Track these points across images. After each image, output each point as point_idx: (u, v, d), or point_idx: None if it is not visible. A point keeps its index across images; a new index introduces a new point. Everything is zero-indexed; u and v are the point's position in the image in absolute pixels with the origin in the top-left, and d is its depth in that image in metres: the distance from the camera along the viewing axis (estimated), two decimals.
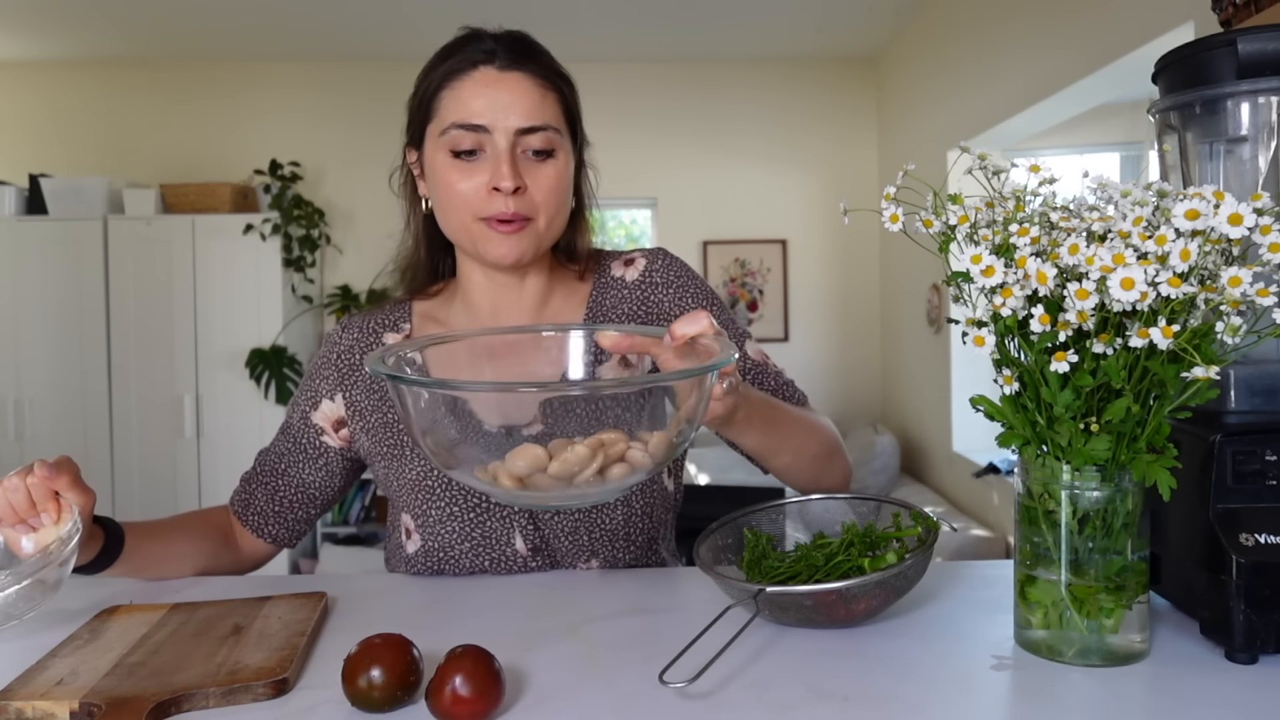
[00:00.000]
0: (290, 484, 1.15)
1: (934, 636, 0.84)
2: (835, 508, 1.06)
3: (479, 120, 1.00)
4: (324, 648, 0.84)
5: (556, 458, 0.73)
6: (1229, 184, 0.86)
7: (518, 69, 1.02)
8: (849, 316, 5.28)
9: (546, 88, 1.03)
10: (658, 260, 1.15)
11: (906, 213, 0.80)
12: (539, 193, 1.02)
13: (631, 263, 1.16)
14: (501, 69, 1.01)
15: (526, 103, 1.01)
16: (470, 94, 1.01)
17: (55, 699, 0.70)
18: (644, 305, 1.13)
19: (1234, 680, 0.74)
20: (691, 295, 1.14)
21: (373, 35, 4.62)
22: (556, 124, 1.03)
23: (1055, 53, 3.10)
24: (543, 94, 1.02)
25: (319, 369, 1.16)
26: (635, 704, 0.71)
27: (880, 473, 4.45)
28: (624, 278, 1.15)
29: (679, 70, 5.08)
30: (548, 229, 1.05)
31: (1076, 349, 0.71)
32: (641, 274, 1.14)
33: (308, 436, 1.15)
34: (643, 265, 1.15)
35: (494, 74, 1.01)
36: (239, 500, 1.17)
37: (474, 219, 1.03)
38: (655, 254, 1.16)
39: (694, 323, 0.80)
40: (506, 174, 0.99)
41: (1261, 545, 0.75)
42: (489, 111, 1.00)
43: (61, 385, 4.54)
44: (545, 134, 1.02)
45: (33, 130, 5.05)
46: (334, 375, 1.14)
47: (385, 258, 1.23)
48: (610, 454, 0.74)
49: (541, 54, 1.06)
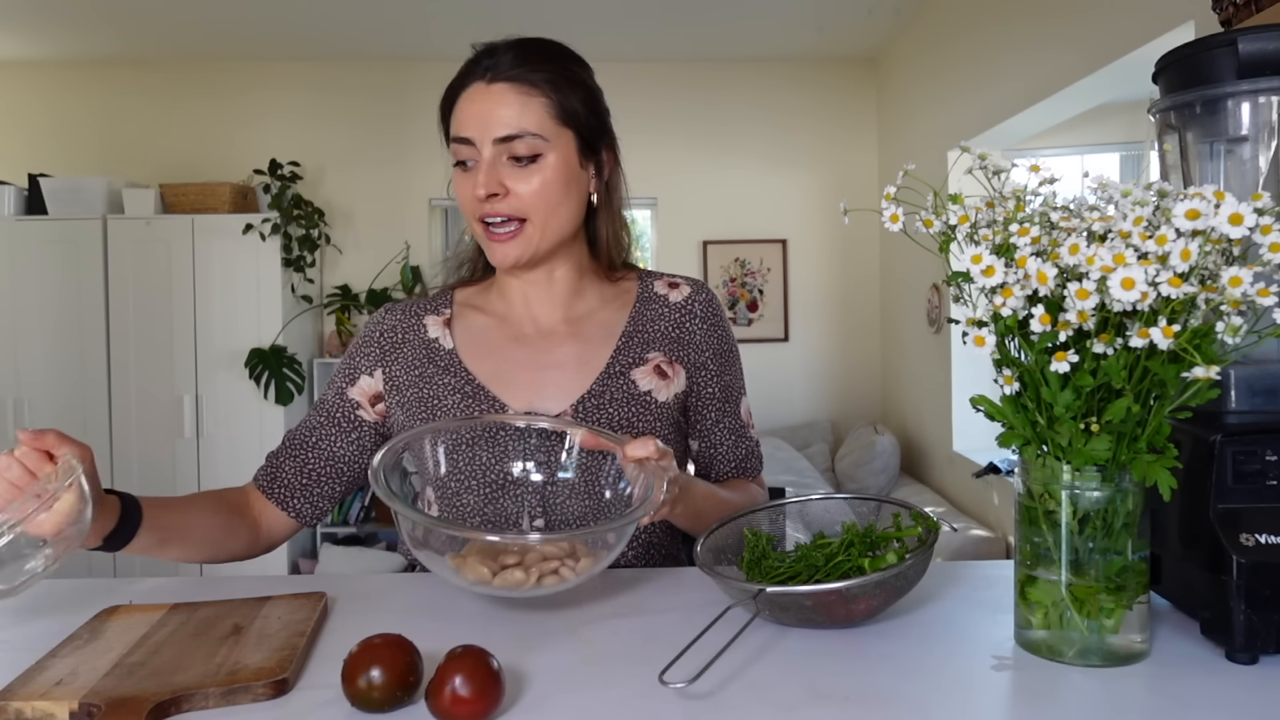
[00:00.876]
0: (320, 456, 1.17)
1: (934, 636, 0.84)
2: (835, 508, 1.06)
3: (466, 134, 1.08)
4: (324, 648, 0.84)
5: (498, 577, 0.89)
6: (1229, 184, 0.86)
7: (504, 80, 1.07)
8: (849, 316, 5.28)
9: (531, 94, 1.07)
10: (701, 294, 1.23)
11: (907, 213, 0.80)
12: (526, 196, 1.08)
13: (676, 286, 1.23)
14: (489, 82, 1.08)
15: (506, 113, 1.06)
16: (461, 109, 1.09)
17: (55, 699, 0.70)
18: (679, 328, 1.20)
19: (1234, 680, 0.74)
20: (719, 337, 1.22)
21: (373, 35, 4.62)
22: (539, 129, 1.07)
23: (1055, 53, 3.10)
24: (525, 101, 1.07)
25: (360, 348, 1.20)
26: (635, 704, 0.71)
27: (880, 473, 4.45)
28: (667, 298, 1.22)
29: (679, 70, 5.08)
30: (544, 229, 1.10)
31: (1077, 349, 0.71)
32: (685, 300, 1.22)
33: (342, 410, 1.18)
34: (687, 292, 1.22)
35: (482, 88, 1.08)
36: (264, 475, 1.17)
37: (476, 222, 1.11)
38: (700, 286, 1.24)
39: (642, 448, 0.94)
40: (481, 182, 1.07)
41: (1261, 545, 0.75)
42: (473, 124, 1.08)
43: (61, 385, 4.54)
44: (525, 140, 1.07)
45: (32, 130, 5.05)
46: (375, 352, 1.19)
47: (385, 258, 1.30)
48: (544, 569, 0.90)
49: (543, 59, 1.09)
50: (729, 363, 1.22)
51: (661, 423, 1.14)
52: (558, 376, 1.13)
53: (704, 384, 1.19)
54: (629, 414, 1.12)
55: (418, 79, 5.02)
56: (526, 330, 1.16)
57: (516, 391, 1.12)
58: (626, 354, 1.15)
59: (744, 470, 1.24)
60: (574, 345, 1.15)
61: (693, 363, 1.19)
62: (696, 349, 1.19)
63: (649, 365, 1.15)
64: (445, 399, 1.12)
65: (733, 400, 1.22)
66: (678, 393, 1.16)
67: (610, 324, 1.18)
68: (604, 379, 1.13)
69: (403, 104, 5.03)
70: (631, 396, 1.13)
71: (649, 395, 1.13)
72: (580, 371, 1.13)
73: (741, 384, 1.25)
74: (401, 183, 5.04)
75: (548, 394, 1.12)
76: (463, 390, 1.12)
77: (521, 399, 1.12)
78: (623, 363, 1.14)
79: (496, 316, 1.18)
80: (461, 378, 1.13)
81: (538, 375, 1.13)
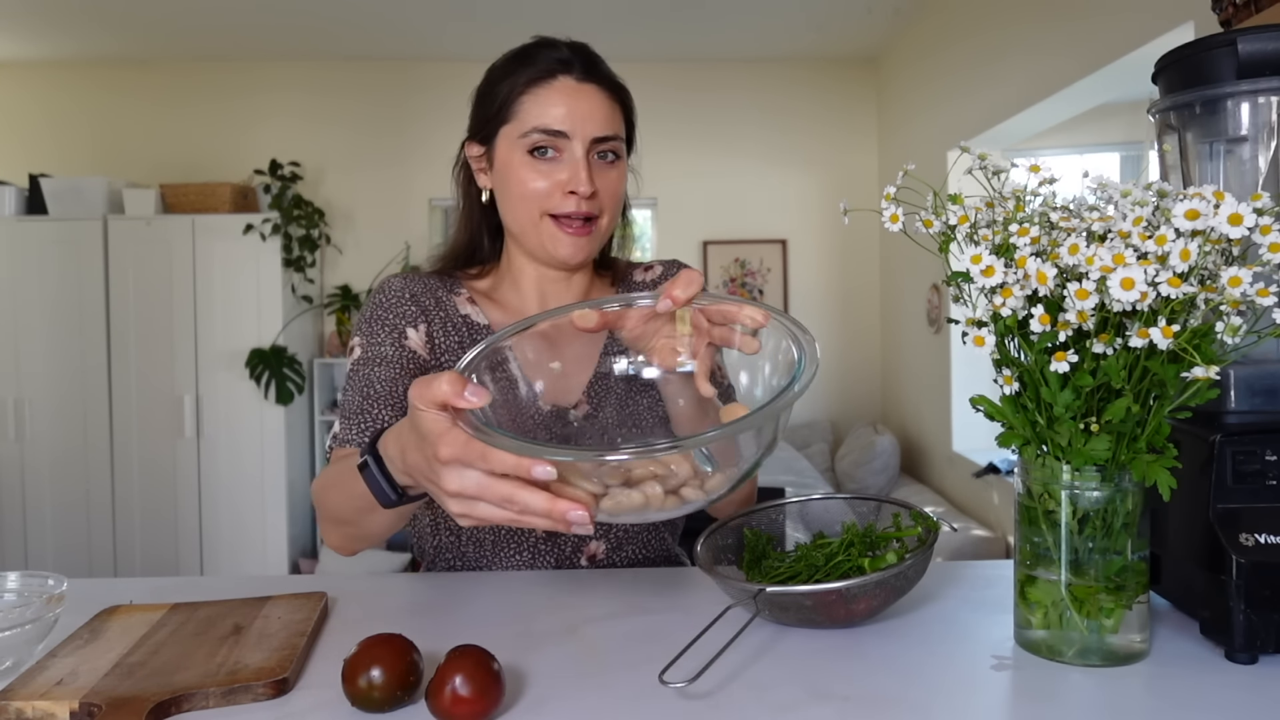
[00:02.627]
0: None
1: (934, 636, 0.84)
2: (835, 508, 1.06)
3: (560, 127, 1.08)
4: (324, 648, 0.84)
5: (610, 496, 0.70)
6: (1229, 184, 0.86)
7: (592, 81, 1.10)
8: (849, 316, 5.28)
9: (615, 100, 1.13)
10: (673, 267, 1.27)
11: (906, 213, 0.80)
12: (606, 195, 1.11)
13: (650, 269, 1.28)
14: (579, 80, 1.10)
15: (601, 114, 1.10)
16: (552, 102, 1.08)
17: (55, 699, 0.70)
18: None
19: (1234, 680, 0.74)
20: None
21: (372, 35, 4.62)
22: (622, 134, 1.13)
23: (1055, 53, 3.10)
24: (613, 106, 1.12)
25: (393, 306, 1.14)
26: (635, 704, 0.71)
27: (880, 473, 4.45)
28: (644, 281, 1.26)
29: (679, 70, 5.08)
30: (608, 228, 1.15)
31: (1076, 349, 0.71)
32: (659, 277, 1.25)
33: (411, 360, 1.11)
34: (659, 270, 1.26)
35: (573, 84, 1.09)
36: (363, 434, 1.05)
37: (543, 215, 1.10)
38: (673, 263, 1.28)
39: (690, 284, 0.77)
40: (584, 179, 1.08)
41: (1261, 545, 0.75)
42: (569, 119, 1.08)
43: (61, 385, 4.54)
44: (615, 142, 1.12)
45: (32, 130, 5.05)
46: (414, 310, 1.14)
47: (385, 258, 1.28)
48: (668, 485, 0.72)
49: (606, 67, 1.14)
50: None
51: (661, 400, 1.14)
52: (571, 368, 1.15)
53: None
54: (632, 395, 1.12)
55: (418, 80, 5.02)
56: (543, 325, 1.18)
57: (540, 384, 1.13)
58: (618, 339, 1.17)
59: None
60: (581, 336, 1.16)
61: None
62: None
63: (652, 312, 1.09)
64: None
65: None
66: None
67: None
68: (605, 362, 1.15)
69: (403, 104, 5.04)
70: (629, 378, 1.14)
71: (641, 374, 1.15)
72: (587, 359, 1.16)
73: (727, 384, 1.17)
74: (401, 183, 5.04)
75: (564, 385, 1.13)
76: None
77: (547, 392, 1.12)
78: (618, 347, 1.15)
79: (511, 309, 1.19)
80: None
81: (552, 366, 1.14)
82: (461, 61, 4.68)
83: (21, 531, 4.56)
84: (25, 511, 4.55)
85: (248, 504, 4.60)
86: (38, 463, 4.54)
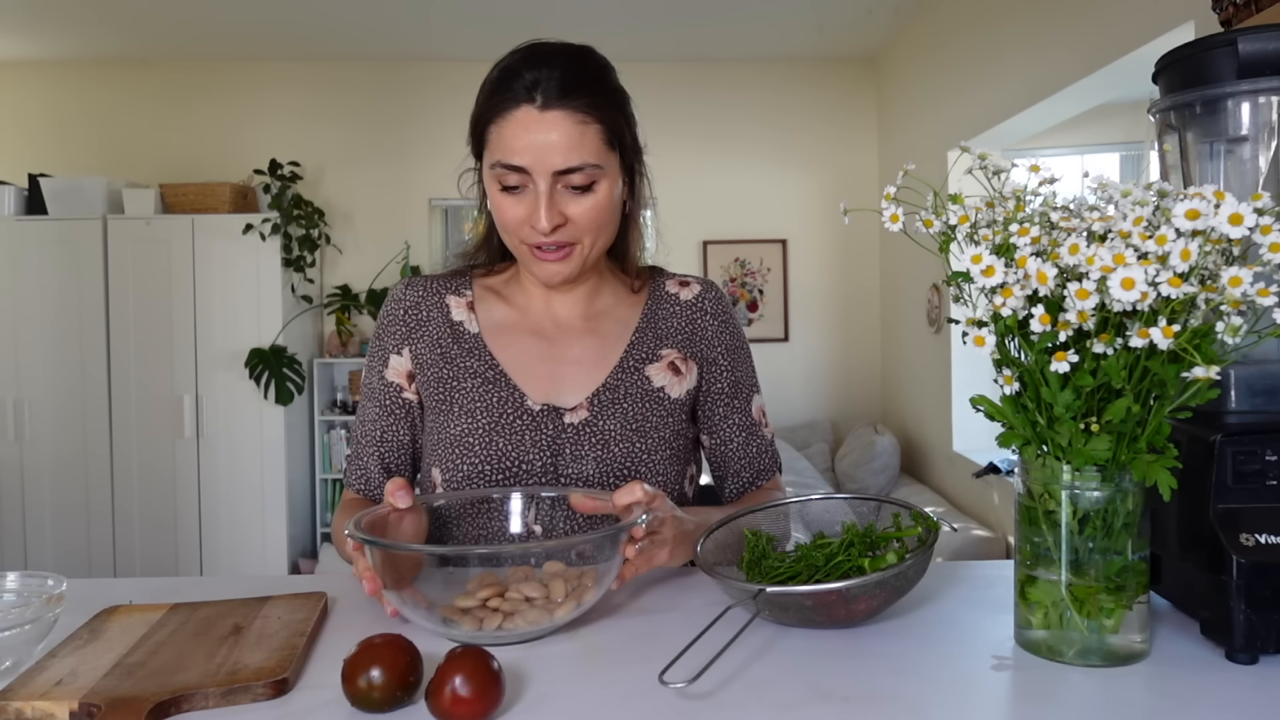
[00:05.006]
0: (393, 448, 1.19)
1: (934, 636, 0.84)
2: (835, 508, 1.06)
3: (519, 162, 1.03)
4: (324, 648, 0.84)
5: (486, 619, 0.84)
6: (1229, 184, 0.86)
7: (558, 106, 1.02)
8: (849, 316, 5.28)
9: (587, 121, 1.03)
10: (710, 291, 1.24)
11: (907, 213, 0.80)
12: (581, 221, 1.06)
13: (687, 285, 1.24)
14: (542, 109, 1.02)
15: (564, 144, 1.02)
16: (512, 134, 1.03)
17: (55, 699, 0.70)
18: (691, 325, 1.21)
19: (1234, 680, 0.74)
20: (730, 334, 1.23)
21: (373, 35, 4.62)
22: (596, 158, 1.04)
23: (1055, 53, 3.10)
24: (582, 130, 1.03)
25: (386, 327, 1.21)
26: (635, 704, 0.71)
27: (880, 473, 4.45)
28: (678, 296, 1.23)
29: (679, 70, 5.08)
30: (594, 248, 1.10)
31: (1077, 349, 0.71)
32: (695, 298, 1.22)
33: (390, 397, 1.19)
34: (697, 290, 1.23)
35: (534, 115, 1.02)
36: (359, 481, 1.19)
37: (520, 242, 1.09)
38: (709, 285, 1.25)
39: (629, 494, 0.92)
40: (544, 216, 1.03)
41: (1261, 545, 0.75)
42: (529, 153, 1.02)
43: (61, 385, 4.54)
44: (583, 172, 1.04)
45: (32, 130, 5.05)
46: (400, 330, 1.19)
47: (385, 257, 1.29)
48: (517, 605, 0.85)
49: (589, 80, 1.06)
50: (740, 359, 1.23)
51: (673, 419, 1.16)
52: (575, 370, 1.15)
53: (714, 379, 1.20)
54: (642, 409, 1.13)
55: (417, 79, 5.02)
56: (545, 325, 1.18)
57: (535, 383, 1.14)
58: (640, 349, 1.17)
59: (758, 469, 1.23)
60: (591, 340, 1.17)
61: (705, 358, 1.20)
62: (708, 345, 1.20)
63: (663, 362, 1.17)
64: (466, 382, 1.14)
65: (743, 396, 1.22)
66: (689, 389, 1.18)
67: (625, 320, 1.20)
68: (618, 373, 1.15)
69: (402, 104, 5.04)
70: (645, 392, 1.14)
71: (662, 391, 1.15)
72: (596, 365, 1.15)
73: (753, 381, 1.24)
74: (401, 183, 5.04)
75: (565, 387, 1.14)
76: (484, 375, 1.14)
77: (539, 390, 1.13)
78: (636, 358, 1.16)
79: (518, 308, 1.19)
80: (485, 363, 1.15)
81: (556, 368, 1.15)
82: (461, 61, 4.68)
83: (21, 531, 4.56)
84: (25, 511, 4.55)
85: (247, 504, 4.60)
86: (37, 463, 4.54)
